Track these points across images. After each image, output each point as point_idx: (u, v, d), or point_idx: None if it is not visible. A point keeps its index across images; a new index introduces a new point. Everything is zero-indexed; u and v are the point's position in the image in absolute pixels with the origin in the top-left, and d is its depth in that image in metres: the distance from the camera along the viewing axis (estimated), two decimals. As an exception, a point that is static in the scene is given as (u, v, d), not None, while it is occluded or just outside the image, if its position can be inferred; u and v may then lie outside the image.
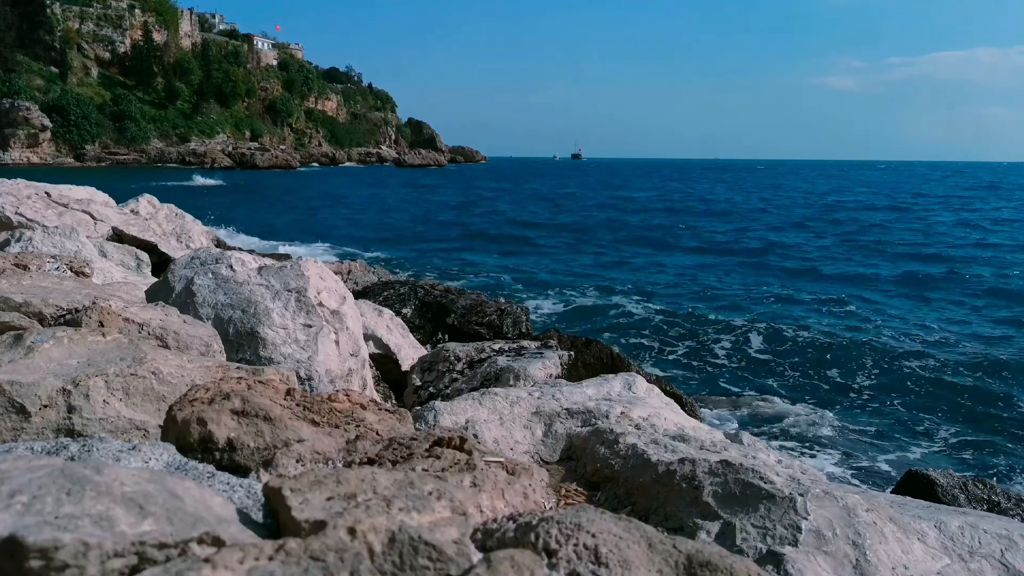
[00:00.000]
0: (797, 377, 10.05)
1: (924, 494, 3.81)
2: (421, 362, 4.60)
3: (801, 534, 1.87)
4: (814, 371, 10.36)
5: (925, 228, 31.77)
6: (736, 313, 14.12)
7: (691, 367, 10.50)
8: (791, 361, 10.84)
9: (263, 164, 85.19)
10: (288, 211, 34.32)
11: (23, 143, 71.56)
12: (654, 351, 11.39)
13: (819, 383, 9.81)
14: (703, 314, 13.76)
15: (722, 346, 11.62)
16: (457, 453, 1.44)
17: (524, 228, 29.54)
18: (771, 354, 11.21)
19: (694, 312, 13.96)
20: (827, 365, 10.65)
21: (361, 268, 10.10)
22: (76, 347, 1.95)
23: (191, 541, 0.91)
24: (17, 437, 1.62)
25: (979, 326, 13.49)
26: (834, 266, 20.82)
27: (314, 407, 1.65)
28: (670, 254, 22.91)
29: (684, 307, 14.54)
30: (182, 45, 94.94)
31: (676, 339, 12.14)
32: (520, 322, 6.67)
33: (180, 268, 3.36)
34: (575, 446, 2.66)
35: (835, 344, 11.75)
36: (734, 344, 11.72)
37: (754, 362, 10.83)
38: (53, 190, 6.41)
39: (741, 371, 10.38)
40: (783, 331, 12.52)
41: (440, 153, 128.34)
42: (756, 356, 11.09)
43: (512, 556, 0.92)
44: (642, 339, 12.15)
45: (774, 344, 11.77)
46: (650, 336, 12.35)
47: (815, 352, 11.28)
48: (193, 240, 8.03)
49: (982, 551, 2.05)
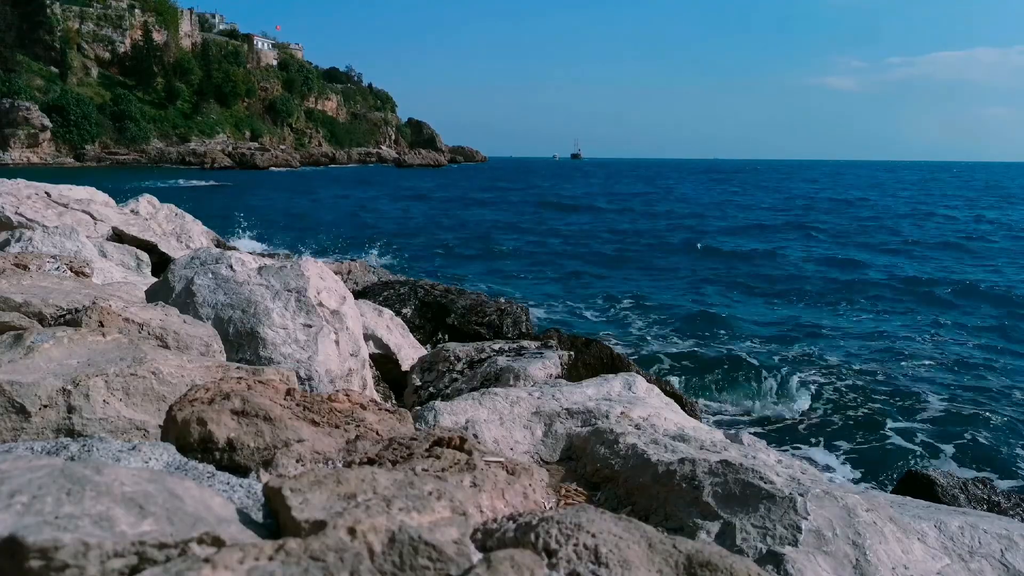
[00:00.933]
0: (797, 377, 10.04)
1: (924, 494, 3.81)
2: (421, 362, 4.60)
3: (801, 534, 1.87)
4: (815, 371, 10.36)
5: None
6: (737, 313, 14.13)
7: (691, 367, 10.51)
8: (792, 361, 10.84)
9: (263, 164, 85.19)
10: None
11: (23, 143, 71.58)
12: (654, 351, 11.39)
13: (820, 383, 9.81)
14: (704, 314, 13.77)
15: (723, 346, 11.62)
16: (457, 453, 1.44)
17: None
18: (772, 354, 11.21)
19: (695, 312, 13.97)
20: (828, 365, 10.65)
21: (361, 268, 10.10)
22: (76, 347, 1.95)
23: (191, 541, 0.91)
24: (17, 437, 1.62)
25: (986, 328, 13.49)
26: (835, 265, 20.88)
27: (314, 407, 1.65)
28: (670, 253, 22.93)
29: (685, 307, 14.55)
30: (182, 45, 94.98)
31: (676, 339, 12.14)
32: (520, 322, 6.67)
33: (180, 268, 3.36)
34: (575, 446, 2.66)
35: (836, 344, 11.76)
36: (735, 344, 11.73)
37: (755, 362, 10.83)
38: (53, 190, 6.41)
39: (741, 371, 10.38)
40: (784, 331, 12.53)
41: (440, 153, 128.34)
42: (757, 356, 11.09)
43: (512, 556, 0.92)
44: (642, 339, 12.15)
45: (775, 344, 11.78)
46: (651, 336, 12.36)
47: (816, 352, 11.29)
48: (193, 240, 8.03)
49: (982, 551, 2.05)
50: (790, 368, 10.46)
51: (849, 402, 9.15)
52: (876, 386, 9.74)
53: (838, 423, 8.39)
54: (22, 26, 75.99)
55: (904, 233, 29.41)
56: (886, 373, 10.31)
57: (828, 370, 10.42)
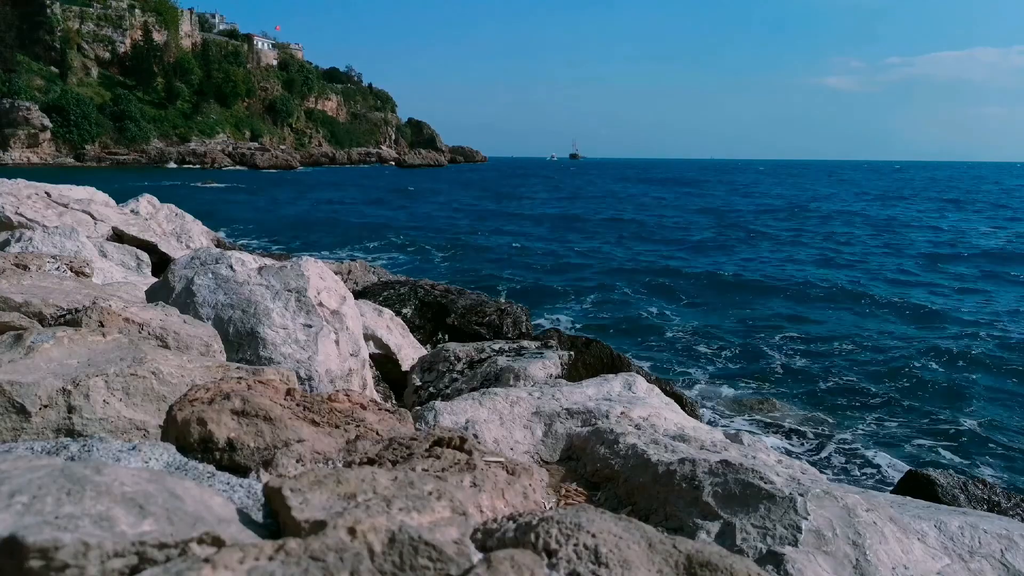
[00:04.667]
0: (798, 377, 10.05)
1: (924, 494, 3.81)
2: (421, 362, 4.60)
3: (801, 534, 1.87)
4: (815, 372, 10.36)
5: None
6: (737, 314, 14.12)
7: (691, 367, 10.51)
8: (792, 362, 10.84)
9: (263, 164, 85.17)
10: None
11: (23, 143, 71.57)
12: (654, 351, 11.39)
13: (820, 383, 9.81)
14: (704, 314, 13.77)
15: (723, 346, 11.62)
16: (457, 453, 1.44)
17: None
18: (773, 354, 11.21)
19: (695, 312, 13.97)
20: (829, 365, 10.65)
21: (361, 268, 10.09)
22: (76, 347, 1.95)
23: (191, 541, 0.91)
24: (17, 437, 1.62)
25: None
26: (843, 262, 20.90)
27: (314, 407, 1.65)
28: (669, 252, 22.93)
29: (685, 307, 14.55)
30: (182, 45, 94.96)
31: (677, 339, 12.15)
32: (520, 322, 6.66)
33: (180, 268, 3.36)
34: (575, 446, 2.66)
35: (836, 344, 11.76)
36: (735, 344, 11.73)
37: (755, 362, 10.83)
38: (53, 190, 6.41)
39: (742, 371, 10.38)
40: (785, 332, 12.53)
41: (440, 153, 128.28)
42: (757, 356, 11.09)
43: (512, 556, 0.92)
44: (642, 339, 12.15)
45: (776, 344, 11.77)
46: (651, 336, 12.36)
47: (817, 353, 11.29)
48: (193, 240, 8.03)
49: (982, 551, 2.05)
50: (791, 368, 10.46)
51: (851, 402, 9.15)
52: (878, 386, 9.74)
53: (839, 423, 8.39)
54: (22, 26, 75.94)
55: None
56: (895, 375, 10.31)
57: (830, 370, 10.42)
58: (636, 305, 14.85)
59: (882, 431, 8.23)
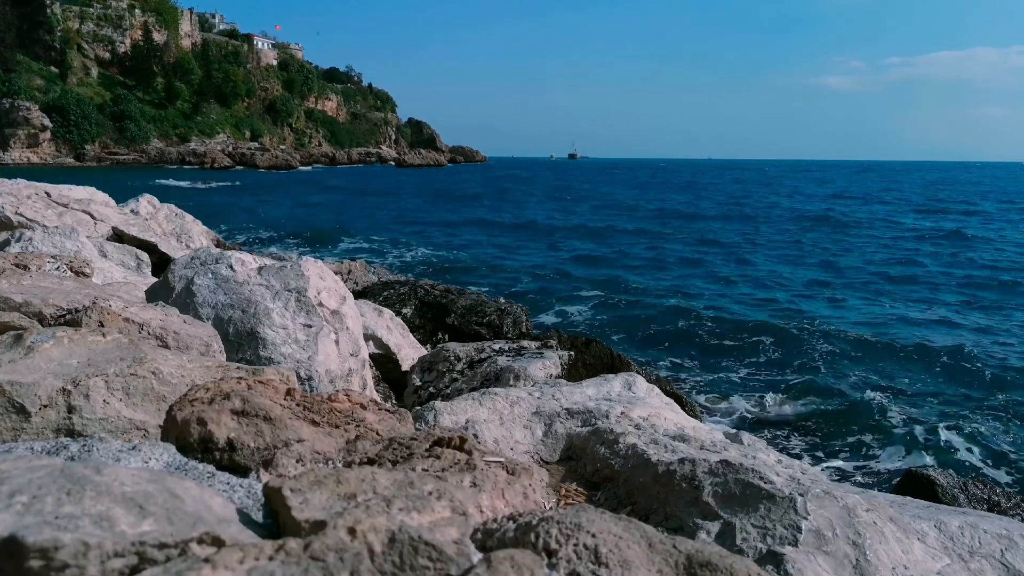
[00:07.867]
0: (799, 378, 10.04)
1: (924, 494, 3.81)
2: (421, 362, 4.60)
3: (801, 534, 1.87)
4: (816, 372, 10.36)
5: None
6: (738, 313, 14.12)
7: (691, 367, 10.50)
8: (793, 362, 10.84)
9: (263, 164, 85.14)
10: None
11: (23, 143, 71.55)
12: (654, 351, 11.39)
13: (821, 383, 9.80)
14: (705, 314, 13.76)
15: (724, 346, 11.62)
16: (457, 453, 1.44)
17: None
18: (773, 354, 11.21)
19: (695, 312, 13.96)
20: (829, 366, 10.65)
21: (361, 268, 10.10)
22: (76, 347, 1.95)
23: (191, 541, 0.91)
24: (17, 437, 1.62)
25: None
26: (847, 261, 20.91)
27: (314, 407, 1.65)
28: (670, 251, 22.95)
29: (685, 307, 14.54)
30: (182, 45, 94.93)
31: (678, 339, 12.14)
32: (520, 322, 6.66)
33: (180, 268, 3.36)
34: (575, 446, 2.66)
35: (837, 344, 11.75)
36: (735, 344, 11.73)
37: (755, 362, 10.83)
38: (53, 190, 6.41)
39: (742, 371, 10.38)
40: (786, 332, 12.52)
41: (440, 153, 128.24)
42: (757, 356, 11.09)
43: (512, 556, 0.92)
44: (642, 339, 12.15)
45: (776, 344, 11.76)
46: (651, 336, 12.36)
47: (817, 353, 11.28)
48: (193, 240, 8.03)
49: (982, 551, 2.05)
50: (792, 369, 10.46)
51: (851, 402, 9.15)
52: (879, 386, 9.74)
53: (839, 423, 8.38)
54: (22, 26, 75.89)
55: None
56: (895, 375, 10.31)
57: (831, 370, 10.42)
58: (636, 305, 14.85)
59: (882, 431, 8.22)
